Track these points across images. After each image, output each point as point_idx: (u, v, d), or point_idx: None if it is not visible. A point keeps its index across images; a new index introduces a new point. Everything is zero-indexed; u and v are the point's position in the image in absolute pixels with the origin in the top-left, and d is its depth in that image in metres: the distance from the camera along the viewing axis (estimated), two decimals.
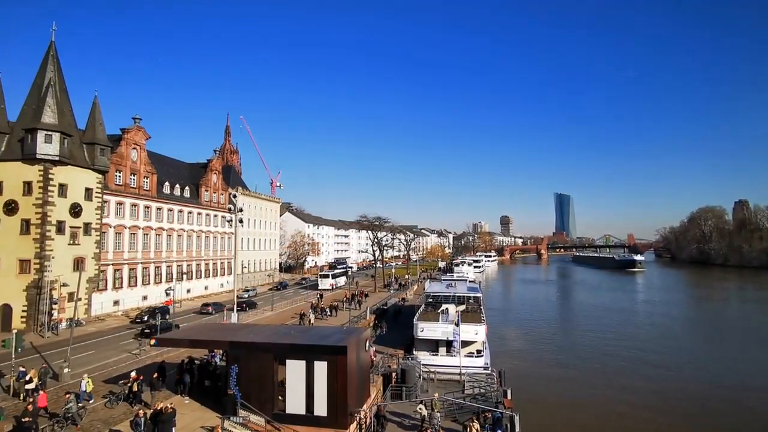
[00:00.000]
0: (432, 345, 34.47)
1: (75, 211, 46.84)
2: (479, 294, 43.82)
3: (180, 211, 67.52)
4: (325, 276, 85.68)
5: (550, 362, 44.51)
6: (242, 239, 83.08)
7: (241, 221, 44.80)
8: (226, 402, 21.15)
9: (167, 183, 65.27)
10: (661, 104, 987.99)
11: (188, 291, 67.29)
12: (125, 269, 56.40)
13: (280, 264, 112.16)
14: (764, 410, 31.87)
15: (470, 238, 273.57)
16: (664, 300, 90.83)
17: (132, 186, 57.58)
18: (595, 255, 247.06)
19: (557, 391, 35.58)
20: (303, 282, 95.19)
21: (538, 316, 71.64)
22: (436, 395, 23.59)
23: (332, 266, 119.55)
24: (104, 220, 51.61)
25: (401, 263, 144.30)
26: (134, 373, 24.21)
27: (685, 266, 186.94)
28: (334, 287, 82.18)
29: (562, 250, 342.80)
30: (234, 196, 40.02)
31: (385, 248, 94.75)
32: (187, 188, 70.28)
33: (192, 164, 78.81)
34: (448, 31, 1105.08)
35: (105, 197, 51.76)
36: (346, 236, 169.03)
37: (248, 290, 73.85)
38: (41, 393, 21.63)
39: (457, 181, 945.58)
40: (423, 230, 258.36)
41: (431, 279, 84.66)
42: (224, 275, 78.43)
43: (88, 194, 48.64)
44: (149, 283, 60.26)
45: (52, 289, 43.19)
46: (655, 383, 37.39)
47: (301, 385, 20.82)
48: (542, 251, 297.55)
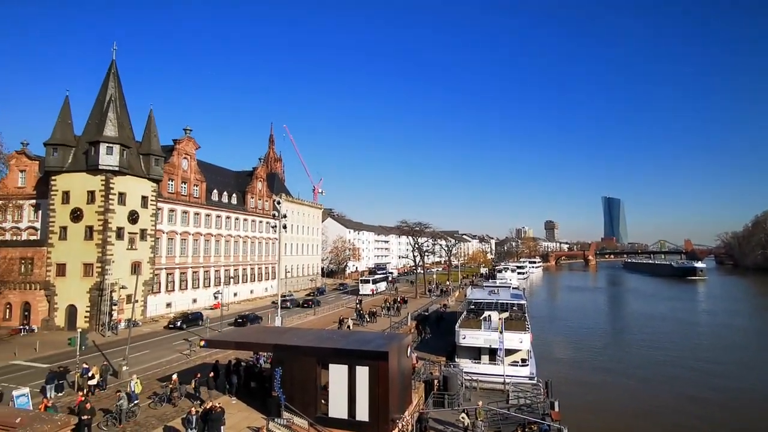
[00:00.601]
0: (474, 353, 33.74)
1: (132, 218, 49.83)
2: (523, 301, 42.53)
3: (227, 218, 70.23)
4: (366, 281, 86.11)
5: (601, 374, 42.27)
6: (286, 244, 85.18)
7: (285, 227, 45.87)
8: (271, 404, 21.61)
9: (215, 190, 68.15)
10: (719, 101, 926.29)
11: (235, 294, 69.68)
12: (177, 273, 59.24)
13: (322, 269, 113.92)
14: None
15: (513, 244, 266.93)
16: (729, 310, 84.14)
17: (183, 194, 60.56)
18: (649, 262, 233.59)
19: (608, 405, 33.73)
20: (341, 287, 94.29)
21: (587, 326, 68.38)
22: (480, 404, 23.02)
23: (372, 271, 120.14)
24: (158, 227, 54.55)
25: (442, 269, 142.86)
26: (175, 376, 25.17)
27: (750, 274, 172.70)
28: (375, 292, 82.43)
29: (612, 257, 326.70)
30: (278, 203, 41.03)
31: (426, 254, 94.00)
32: (234, 195, 73.04)
33: (238, 172, 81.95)
34: (496, 34, 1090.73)
35: (159, 205, 54.73)
36: (386, 242, 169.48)
37: (285, 296, 74.65)
38: (79, 395, 22.63)
39: (500, 186, 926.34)
40: (464, 236, 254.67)
41: (473, 285, 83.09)
42: (269, 279, 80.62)
43: (144, 202, 51.64)
44: (198, 287, 62.97)
45: (112, 292, 46.05)
46: (718, 397, 34.65)
47: (343, 390, 20.94)
48: (590, 257, 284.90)
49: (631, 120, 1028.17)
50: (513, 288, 57.14)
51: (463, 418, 21.40)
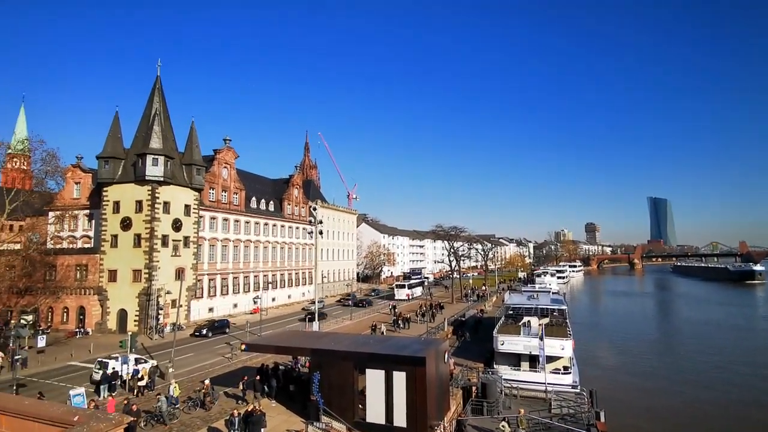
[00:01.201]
0: (513, 359, 32.86)
1: (176, 226, 51.99)
2: (564, 306, 41.09)
3: (265, 224, 72.02)
4: (401, 286, 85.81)
5: (649, 383, 40.13)
6: (322, 250, 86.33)
7: (321, 233, 46.52)
8: (310, 408, 21.84)
9: (254, 198, 70.09)
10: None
11: (273, 299, 71.18)
12: (218, 279, 61.22)
13: (358, 274, 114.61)
14: None
15: (552, 247, 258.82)
16: None
17: (223, 202, 62.66)
18: (702, 265, 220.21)
19: (657, 416, 31.98)
20: (373, 293, 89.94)
21: (634, 333, 65.15)
22: (522, 412, 22.40)
23: (406, 276, 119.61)
24: (200, 234, 56.64)
25: (477, 274, 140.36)
26: (207, 381, 25.68)
27: None
28: (411, 297, 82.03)
29: (660, 260, 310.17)
30: (314, 209, 41.79)
31: (462, 258, 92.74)
32: (272, 202, 74.86)
33: (275, 180, 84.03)
34: (534, 41, 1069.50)
35: (200, 213, 56.85)
36: (421, 246, 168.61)
37: (313, 302, 73.44)
38: (110, 399, 23.46)
39: (538, 188, 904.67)
40: (501, 239, 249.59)
41: (511, 290, 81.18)
42: (305, 285, 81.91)
43: (187, 210, 53.80)
44: (239, 292, 64.77)
45: (158, 297, 48.13)
46: None
47: (381, 395, 20.88)
48: (635, 260, 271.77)
49: (678, 117, 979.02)
50: (553, 293, 55.38)
51: (504, 427, 20.85)
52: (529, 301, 42.50)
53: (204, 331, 46.83)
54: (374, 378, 21.14)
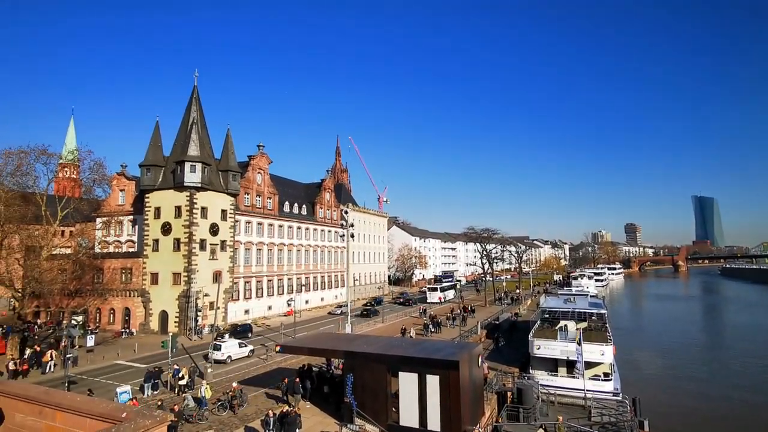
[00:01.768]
0: (550, 364, 31.97)
1: (213, 230, 53.70)
2: (603, 310, 39.68)
3: (298, 228, 73.29)
4: (434, 289, 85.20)
5: (697, 391, 38.06)
6: (353, 253, 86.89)
7: (353, 236, 46.90)
8: (344, 409, 21.98)
9: (287, 202, 71.50)
10: None
11: (306, 302, 72.21)
12: (253, 281, 62.72)
13: (389, 277, 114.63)
14: None
15: (589, 249, 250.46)
16: None
17: (258, 206, 64.24)
18: (753, 267, 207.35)
19: (706, 426, 30.27)
20: (400, 297, 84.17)
21: (680, 338, 61.95)
22: (560, 419, 21.74)
23: (438, 279, 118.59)
24: (236, 238, 58.25)
25: (511, 276, 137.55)
26: (235, 384, 26.09)
27: None
28: (443, 300, 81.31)
29: (706, 262, 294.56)
30: (345, 213, 42.22)
31: (495, 261, 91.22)
32: (304, 206, 76.12)
33: (308, 184, 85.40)
34: (564, 38, 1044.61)
35: (236, 217, 58.47)
36: (453, 249, 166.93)
37: (341, 306, 72.53)
38: (134, 401, 23.65)
39: (573, 188, 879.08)
40: (535, 241, 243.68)
41: (547, 293, 79.11)
42: (338, 287, 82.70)
43: (223, 215, 55.48)
44: (273, 295, 66.14)
45: (197, 299, 49.78)
46: None
47: (414, 398, 20.77)
48: (680, 262, 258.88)
49: (722, 112, 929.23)
50: (591, 296, 53.60)
51: None
52: (566, 305, 41.32)
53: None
54: (407, 381, 21.05)
